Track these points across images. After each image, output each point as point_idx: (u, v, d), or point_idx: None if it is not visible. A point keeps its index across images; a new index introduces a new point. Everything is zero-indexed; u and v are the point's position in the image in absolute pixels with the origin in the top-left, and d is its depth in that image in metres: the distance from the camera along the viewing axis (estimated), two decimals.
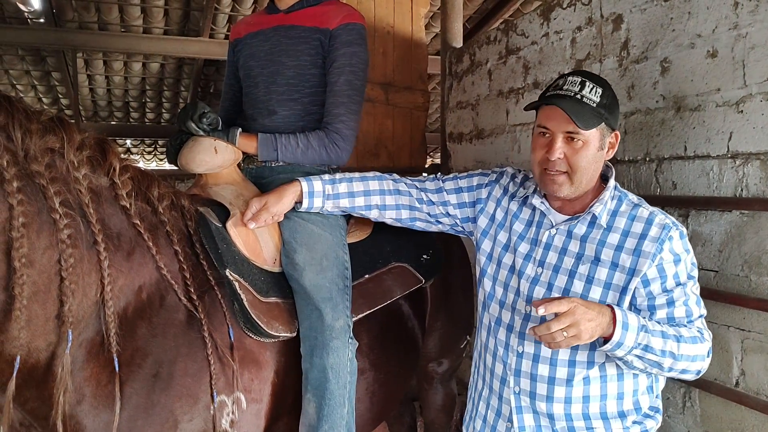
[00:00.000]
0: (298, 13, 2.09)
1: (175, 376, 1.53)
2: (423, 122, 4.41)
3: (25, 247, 1.29)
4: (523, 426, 1.64)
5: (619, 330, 1.37)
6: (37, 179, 1.34)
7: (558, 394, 1.58)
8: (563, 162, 1.53)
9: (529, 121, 2.94)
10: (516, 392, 1.65)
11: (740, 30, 1.84)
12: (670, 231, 1.49)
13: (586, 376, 1.56)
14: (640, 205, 1.57)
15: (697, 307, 1.51)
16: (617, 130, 1.60)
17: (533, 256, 1.65)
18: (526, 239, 1.69)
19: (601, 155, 1.56)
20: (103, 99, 9.39)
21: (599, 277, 1.54)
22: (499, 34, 3.20)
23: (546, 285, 1.61)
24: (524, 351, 1.63)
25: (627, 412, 1.57)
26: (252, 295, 1.73)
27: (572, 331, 1.33)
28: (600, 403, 1.57)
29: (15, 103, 1.35)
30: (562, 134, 1.53)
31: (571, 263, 1.59)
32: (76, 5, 6.32)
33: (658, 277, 1.49)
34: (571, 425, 1.59)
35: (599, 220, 1.56)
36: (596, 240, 1.56)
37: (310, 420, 1.79)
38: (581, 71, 1.62)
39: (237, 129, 1.93)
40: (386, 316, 2.11)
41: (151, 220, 1.62)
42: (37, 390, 1.40)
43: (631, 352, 1.41)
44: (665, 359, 1.42)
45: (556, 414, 1.59)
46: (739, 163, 1.86)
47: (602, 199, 1.57)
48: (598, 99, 1.51)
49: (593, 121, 1.50)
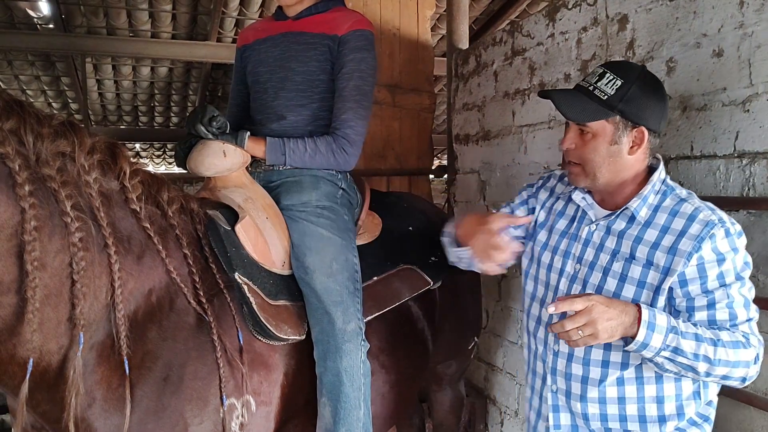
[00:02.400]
0: (307, 19, 2.10)
1: (185, 380, 1.55)
2: (430, 124, 4.41)
3: (37, 251, 1.30)
4: (558, 425, 1.63)
5: (643, 330, 1.32)
6: (49, 183, 1.36)
7: (591, 394, 1.55)
8: (576, 153, 1.54)
9: (535, 122, 2.94)
10: (553, 390, 1.64)
11: (746, 29, 1.83)
12: (713, 228, 1.40)
13: (620, 377, 1.52)
14: (686, 201, 1.49)
15: (745, 310, 1.41)
16: (645, 126, 1.49)
17: (573, 253, 1.62)
18: (566, 236, 1.66)
19: (618, 150, 1.50)
20: (112, 103, 9.45)
21: (632, 275, 1.49)
22: (504, 35, 3.20)
23: (582, 282, 1.58)
24: (560, 350, 1.61)
25: (668, 417, 1.50)
26: (261, 298, 1.73)
27: (588, 330, 1.29)
28: (637, 405, 1.51)
29: (26, 107, 1.36)
30: (575, 125, 1.53)
31: (606, 260, 1.54)
32: (84, 10, 6.36)
33: (697, 277, 1.41)
34: (607, 426, 1.56)
35: (637, 215, 1.51)
36: (633, 236, 1.51)
37: (326, 424, 1.80)
38: (612, 63, 1.59)
39: (246, 132, 1.94)
40: (395, 318, 2.12)
41: (161, 223, 1.63)
42: (48, 393, 1.41)
43: (660, 354, 1.34)
44: (699, 363, 1.34)
45: (591, 414, 1.56)
46: (745, 163, 1.85)
47: (642, 194, 1.51)
48: (612, 92, 1.47)
49: (593, 114, 1.47)
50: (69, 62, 7.70)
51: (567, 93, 1.53)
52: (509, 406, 3.20)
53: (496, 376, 3.34)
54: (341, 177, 2.09)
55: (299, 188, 1.99)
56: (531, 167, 2.98)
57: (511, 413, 3.19)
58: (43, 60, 7.71)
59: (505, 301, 3.25)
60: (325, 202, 1.98)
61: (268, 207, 1.92)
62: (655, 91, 1.52)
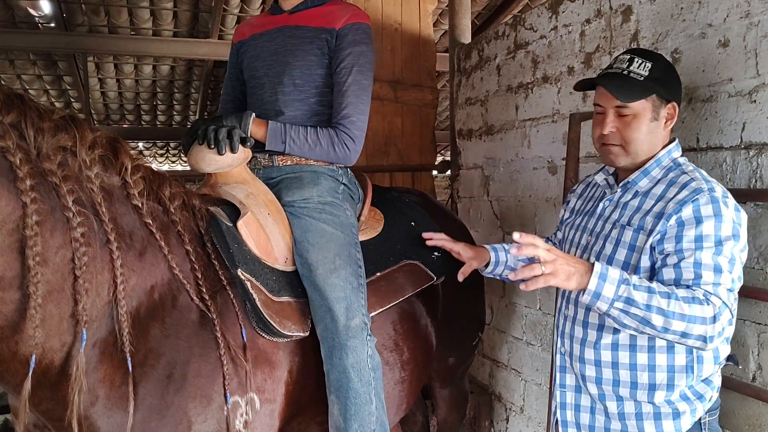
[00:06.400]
0: (303, 13, 2.08)
1: (189, 377, 1.53)
2: (432, 119, 4.40)
3: (39, 246, 1.29)
4: (564, 384, 1.77)
5: (594, 280, 1.40)
6: (50, 177, 1.35)
7: (588, 355, 1.67)
8: (616, 135, 1.63)
9: (538, 116, 2.92)
10: (561, 352, 1.78)
11: (752, 18, 1.81)
12: (698, 194, 1.48)
13: (615, 343, 1.62)
14: (686, 173, 1.58)
15: (713, 275, 1.44)
16: (676, 102, 1.63)
17: (588, 227, 1.77)
18: (586, 213, 1.81)
19: (657, 125, 1.62)
20: (114, 102, 9.44)
21: (625, 239, 1.61)
22: (507, 28, 3.18)
23: (590, 251, 1.72)
24: (567, 313, 1.76)
25: (658, 386, 1.58)
26: (264, 294, 1.72)
27: (549, 268, 1.39)
28: (630, 372, 1.60)
29: (27, 101, 1.35)
30: (612, 109, 1.63)
31: (608, 228, 1.68)
32: (86, 9, 6.35)
33: (673, 236, 1.49)
34: (601, 390, 1.66)
35: (635, 186, 1.65)
36: (632, 206, 1.64)
37: (336, 422, 1.79)
38: (634, 49, 1.72)
39: (251, 114, 1.92)
40: (398, 314, 2.11)
41: (163, 219, 1.62)
42: (51, 391, 1.40)
43: (614, 305, 1.41)
44: (653, 315, 1.39)
45: (588, 376, 1.68)
46: (753, 154, 1.83)
47: (645, 168, 1.64)
48: (646, 73, 1.59)
49: (639, 94, 1.58)
50: (71, 61, 7.69)
51: (609, 78, 1.63)
52: (514, 402, 3.19)
53: (500, 373, 3.33)
54: (342, 172, 2.08)
55: (300, 184, 1.97)
56: (534, 162, 2.96)
57: (516, 410, 3.17)
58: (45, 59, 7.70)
59: (509, 297, 3.24)
60: (326, 198, 1.97)
61: (270, 203, 1.90)
62: (675, 70, 1.68)
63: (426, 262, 2.23)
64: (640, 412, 1.61)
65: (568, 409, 1.77)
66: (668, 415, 1.58)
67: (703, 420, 1.60)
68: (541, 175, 2.92)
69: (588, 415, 1.72)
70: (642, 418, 1.61)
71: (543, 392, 2.91)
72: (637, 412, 1.62)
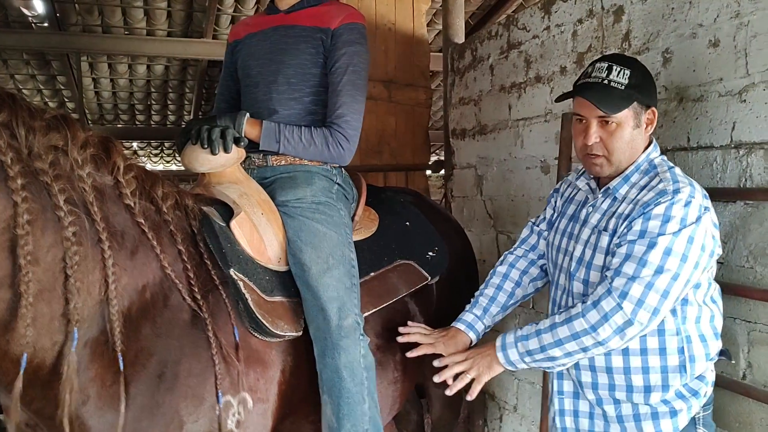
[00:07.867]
0: (299, 13, 2.08)
1: (180, 377, 1.53)
2: (426, 119, 4.40)
3: (30, 245, 1.29)
4: (561, 390, 1.78)
5: (499, 354, 1.68)
6: (41, 176, 1.34)
7: (582, 361, 1.67)
8: (600, 145, 1.63)
9: (531, 116, 2.93)
10: None
11: (742, 18, 1.82)
12: (661, 197, 1.51)
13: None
14: (658, 174, 1.60)
15: (636, 267, 1.48)
16: (654, 107, 1.65)
17: (572, 233, 1.77)
18: (570, 218, 1.82)
19: (639, 132, 1.63)
20: (108, 102, 9.43)
21: (601, 244, 1.63)
22: (500, 28, 3.19)
23: (571, 256, 1.74)
24: None
25: (653, 387, 1.59)
26: (257, 294, 1.72)
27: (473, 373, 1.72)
28: (624, 375, 1.62)
29: (18, 100, 1.35)
30: (595, 119, 1.62)
31: (588, 233, 1.70)
32: (79, 9, 6.34)
33: (626, 229, 1.55)
34: (598, 395, 1.68)
35: (616, 194, 1.66)
36: (611, 213, 1.65)
37: (328, 421, 1.79)
38: (610, 56, 1.69)
39: (245, 114, 1.92)
40: (392, 314, 2.11)
41: (155, 219, 1.62)
42: (42, 390, 1.40)
43: (526, 362, 1.64)
44: (554, 350, 1.57)
45: (584, 382, 1.70)
46: (742, 153, 1.84)
47: (625, 174, 1.65)
48: (626, 81, 1.58)
49: (622, 104, 1.58)
50: (65, 61, 7.68)
51: (590, 89, 1.61)
52: (508, 401, 3.20)
53: None
54: (336, 172, 2.08)
55: (294, 184, 1.97)
56: (527, 161, 2.97)
57: (509, 408, 3.18)
58: (39, 59, 7.68)
59: None
60: (320, 198, 1.97)
61: (264, 203, 1.90)
62: (650, 73, 1.68)
63: (420, 262, 2.23)
64: (638, 414, 1.62)
65: (567, 416, 1.77)
66: (665, 414, 1.60)
67: (697, 415, 1.61)
68: (533, 174, 2.93)
69: (587, 420, 1.73)
70: (640, 419, 1.62)
71: (536, 391, 2.92)
72: (634, 413, 1.63)
